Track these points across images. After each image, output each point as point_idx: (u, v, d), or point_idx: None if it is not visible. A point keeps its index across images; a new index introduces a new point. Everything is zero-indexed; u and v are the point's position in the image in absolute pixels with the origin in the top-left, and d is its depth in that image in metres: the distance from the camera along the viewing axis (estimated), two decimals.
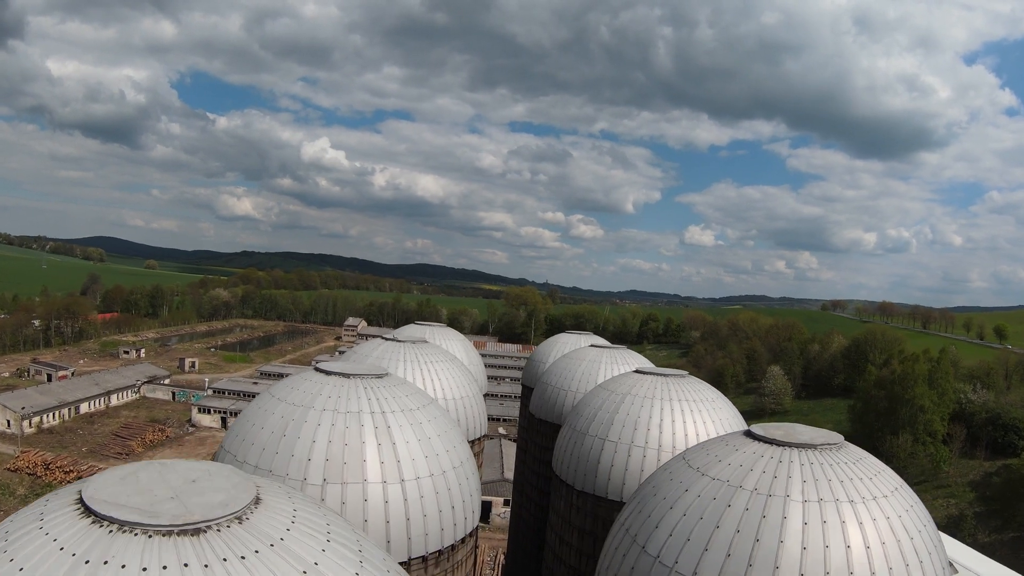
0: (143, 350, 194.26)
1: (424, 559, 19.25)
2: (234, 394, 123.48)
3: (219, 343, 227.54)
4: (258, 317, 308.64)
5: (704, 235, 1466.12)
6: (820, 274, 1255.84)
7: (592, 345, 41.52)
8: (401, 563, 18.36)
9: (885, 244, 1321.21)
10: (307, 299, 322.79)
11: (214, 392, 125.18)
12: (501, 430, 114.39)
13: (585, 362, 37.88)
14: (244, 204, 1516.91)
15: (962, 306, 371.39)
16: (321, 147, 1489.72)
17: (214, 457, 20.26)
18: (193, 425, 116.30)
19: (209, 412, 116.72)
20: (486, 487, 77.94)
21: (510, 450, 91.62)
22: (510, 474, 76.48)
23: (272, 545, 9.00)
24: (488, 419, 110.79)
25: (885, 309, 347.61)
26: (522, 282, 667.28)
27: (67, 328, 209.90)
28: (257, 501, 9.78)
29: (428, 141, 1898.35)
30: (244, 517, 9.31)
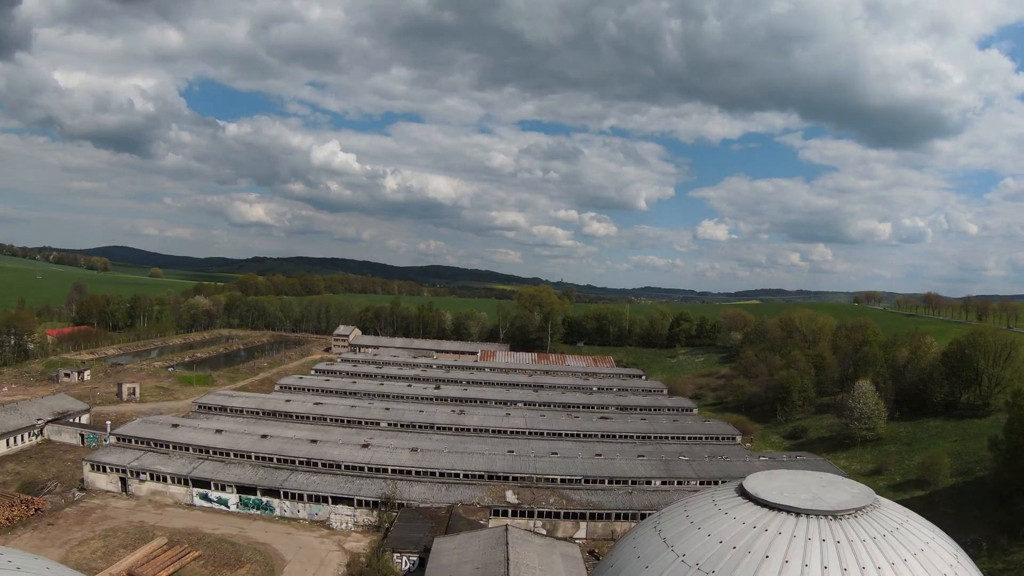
0: (87, 371, 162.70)
1: None
2: (144, 443, 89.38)
3: (183, 359, 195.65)
4: (244, 326, 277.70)
5: (717, 229, 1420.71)
6: (835, 266, 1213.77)
7: None
8: None
9: (900, 234, 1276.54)
10: (298, 305, 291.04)
11: (118, 440, 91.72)
12: (511, 496, 79.10)
13: None
14: (256, 210, 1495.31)
15: (980, 294, 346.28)
16: (331, 151, 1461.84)
17: None
18: (83, 489, 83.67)
19: (105, 471, 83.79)
20: None
21: (527, 552, 56.88)
22: None
23: None
24: (483, 475, 74.74)
25: (931, 301, 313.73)
26: (536, 281, 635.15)
27: (6, 346, 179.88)
28: None
29: (438, 142, 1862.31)
30: None
